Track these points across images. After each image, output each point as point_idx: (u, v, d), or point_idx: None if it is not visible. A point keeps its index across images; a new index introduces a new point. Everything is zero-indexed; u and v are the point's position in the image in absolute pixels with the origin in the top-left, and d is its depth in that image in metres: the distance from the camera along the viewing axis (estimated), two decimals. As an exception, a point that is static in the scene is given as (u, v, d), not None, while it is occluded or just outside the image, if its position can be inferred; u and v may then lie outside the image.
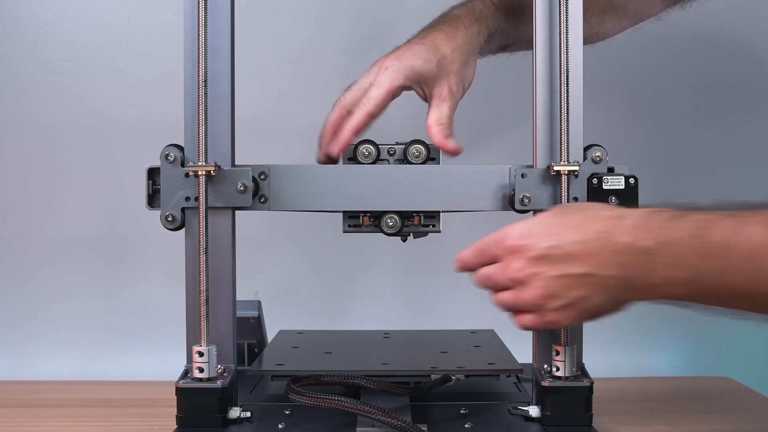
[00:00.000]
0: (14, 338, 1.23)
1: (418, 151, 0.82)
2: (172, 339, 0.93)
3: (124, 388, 1.06)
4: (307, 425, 0.79)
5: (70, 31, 1.21)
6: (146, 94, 1.21)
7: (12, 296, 1.23)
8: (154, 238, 1.19)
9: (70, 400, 1.01)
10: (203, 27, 0.76)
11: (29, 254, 1.22)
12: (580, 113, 0.79)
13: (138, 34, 1.21)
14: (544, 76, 0.80)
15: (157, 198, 0.80)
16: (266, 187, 0.81)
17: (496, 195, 0.81)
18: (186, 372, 0.79)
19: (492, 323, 1.10)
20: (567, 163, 0.78)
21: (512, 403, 0.83)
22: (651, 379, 1.12)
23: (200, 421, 0.77)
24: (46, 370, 1.19)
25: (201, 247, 0.77)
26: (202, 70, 0.76)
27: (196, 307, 0.78)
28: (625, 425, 0.87)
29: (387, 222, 0.81)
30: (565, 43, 0.77)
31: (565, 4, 0.77)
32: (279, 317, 1.08)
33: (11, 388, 1.08)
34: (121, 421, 0.91)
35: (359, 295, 1.25)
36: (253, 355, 0.99)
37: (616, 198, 0.79)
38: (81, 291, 1.22)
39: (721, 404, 0.98)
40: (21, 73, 1.21)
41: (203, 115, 0.76)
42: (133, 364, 1.21)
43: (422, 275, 1.25)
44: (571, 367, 0.78)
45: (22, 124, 1.21)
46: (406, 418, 0.75)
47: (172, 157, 0.79)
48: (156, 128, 1.15)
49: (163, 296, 1.20)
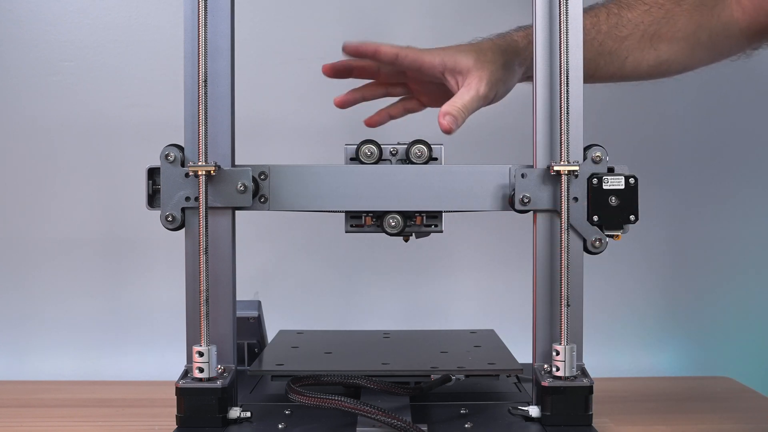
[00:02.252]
0: (14, 338, 1.23)
1: (420, 152, 0.82)
2: (172, 339, 0.93)
3: (124, 388, 1.06)
4: (307, 425, 0.79)
5: (70, 31, 1.21)
6: (146, 94, 1.21)
7: (12, 296, 1.23)
8: (154, 238, 1.19)
9: (70, 400, 1.01)
10: (203, 27, 0.76)
11: (29, 254, 1.22)
12: (580, 113, 0.79)
13: (138, 34, 1.21)
14: (544, 76, 0.80)
15: (157, 198, 0.80)
16: (266, 187, 0.81)
17: (496, 195, 0.81)
18: (186, 372, 0.79)
19: (492, 323, 1.10)
20: (567, 163, 0.78)
21: (512, 403, 0.83)
22: (651, 379, 1.12)
23: (200, 421, 0.77)
24: (46, 370, 1.20)
25: (201, 247, 0.77)
26: (202, 70, 0.76)
27: (196, 307, 0.78)
28: (625, 425, 0.87)
29: (389, 222, 0.81)
30: (565, 43, 0.77)
31: (565, 4, 0.77)
32: (279, 317, 1.08)
33: (11, 388, 1.08)
34: (121, 421, 0.91)
35: (359, 295, 1.25)
36: (253, 355, 0.99)
37: (615, 198, 0.79)
38: (81, 291, 1.22)
39: (721, 404, 0.98)
40: (21, 73, 1.21)
41: (203, 115, 0.76)
42: (133, 364, 1.21)
43: (422, 275, 1.25)
44: (571, 367, 0.78)
45: (22, 124, 1.21)
46: (406, 418, 0.75)
47: (172, 157, 0.79)
48: (156, 128, 1.16)
49: (163, 296, 1.20)
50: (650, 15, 0.91)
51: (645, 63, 0.91)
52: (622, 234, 0.80)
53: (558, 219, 0.79)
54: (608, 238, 0.80)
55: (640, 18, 0.91)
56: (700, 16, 0.91)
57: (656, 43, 0.90)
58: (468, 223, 0.95)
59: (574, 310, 0.79)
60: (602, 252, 0.80)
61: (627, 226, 0.80)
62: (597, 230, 0.79)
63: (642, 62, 0.91)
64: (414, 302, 1.26)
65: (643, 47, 0.91)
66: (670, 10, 0.91)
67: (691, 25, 0.90)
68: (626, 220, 0.79)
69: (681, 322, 1.27)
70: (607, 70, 0.91)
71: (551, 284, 0.80)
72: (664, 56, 0.91)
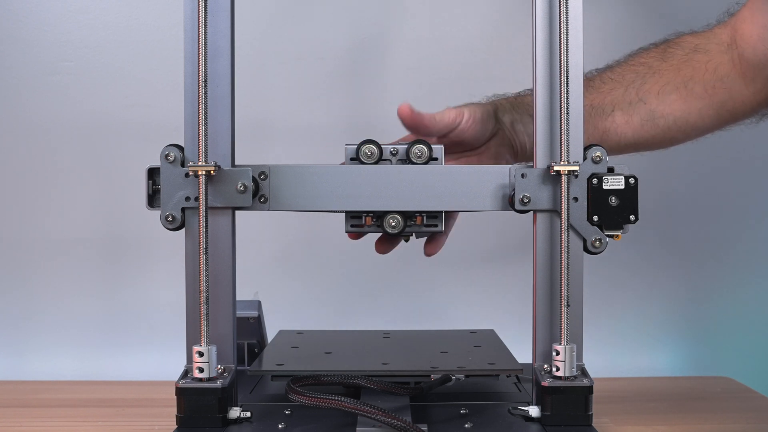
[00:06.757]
0: (14, 338, 1.23)
1: (421, 151, 0.82)
2: (172, 339, 0.93)
3: (124, 388, 1.06)
4: (307, 425, 0.79)
5: (70, 31, 1.21)
6: (146, 94, 1.21)
7: (12, 296, 1.23)
8: (154, 238, 1.19)
9: (70, 400, 1.02)
10: (203, 27, 0.76)
11: (29, 254, 1.22)
12: (580, 113, 0.79)
13: (138, 34, 1.21)
14: (544, 76, 0.80)
15: (157, 198, 0.80)
16: (266, 187, 0.81)
17: (496, 195, 0.81)
18: (186, 372, 0.79)
19: (492, 323, 1.10)
20: (567, 163, 0.78)
21: (512, 403, 0.83)
22: (651, 379, 1.12)
23: (200, 421, 0.77)
24: (46, 370, 1.20)
25: (201, 247, 0.77)
26: (202, 70, 0.76)
27: (196, 307, 0.78)
28: (625, 425, 0.87)
29: (389, 222, 0.81)
30: (565, 43, 0.77)
31: (565, 4, 0.77)
32: (279, 317, 1.08)
33: (11, 388, 1.09)
34: (121, 421, 0.91)
35: (359, 295, 1.25)
36: (253, 355, 0.99)
37: (616, 198, 0.79)
38: (81, 291, 1.22)
39: (721, 404, 0.98)
40: (21, 73, 1.21)
41: (203, 115, 0.76)
42: (133, 364, 1.21)
43: (422, 275, 1.25)
44: (571, 367, 0.78)
45: (22, 124, 1.21)
46: (406, 418, 0.75)
47: (172, 157, 0.79)
48: (156, 128, 1.16)
49: (163, 296, 1.20)
50: (633, 71, 0.91)
51: (637, 116, 0.90)
52: (622, 234, 0.80)
53: (558, 219, 0.79)
54: (608, 238, 0.80)
55: (622, 75, 0.91)
56: (690, 69, 0.90)
57: (644, 95, 0.90)
58: (468, 223, 0.95)
59: (574, 310, 0.79)
60: (602, 252, 0.80)
61: (627, 226, 0.80)
62: (597, 230, 0.79)
63: (633, 116, 0.90)
64: (414, 302, 1.26)
65: (630, 100, 0.90)
66: (655, 66, 0.91)
67: (679, 77, 0.90)
68: (626, 220, 0.79)
69: (681, 322, 1.27)
70: (596, 123, 0.90)
71: (551, 284, 0.80)
72: (657, 109, 0.90)
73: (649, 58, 0.92)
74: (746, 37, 0.88)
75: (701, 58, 0.90)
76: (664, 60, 0.91)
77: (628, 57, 0.94)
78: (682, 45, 0.92)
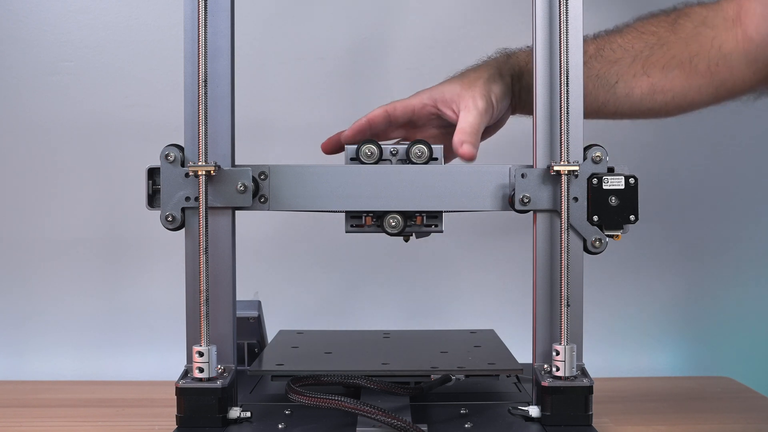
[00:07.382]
0: (14, 338, 1.23)
1: (421, 151, 0.82)
2: (172, 339, 0.93)
3: (124, 388, 1.06)
4: (307, 425, 0.79)
5: (70, 31, 1.21)
6: (146, 94, 1.21)
7: (12, 296, 1.23)
8: (154, 238, 1.19)
9: (70, 400, 1.02)
10: (203, 27, 0.76)
11: (29, 254, 1.22)
12: (580, 113, 0.79)
13: (138, 34, 1.21)
14: (544, 76, 0.80)
15: (157, 198, 0.80)
16: (266, 187, 0.81)
17: (496, 195, 0.81)
18: (186, 372, 0.79)
19: (492, 323, 1.10)
20: (567, 163, 0.78)
21: (512, 403, 0.83)
22: (651, 379, 1.12)
23: (200, 421, 0.77)
24: (46, 370, 1.20)
25: (201, 247, 0.77)
26: (202, 70, 0.76)
27: (196, 307, 0.78)
28: (625, 425, 0.87)
29: (389, 222, 0.81)
30: (565, 43, 0.77)
31: (565, 4, 0.77)
32: (279, 317, 1.08)
33: (11, 388, 1.09)
34: (121, 421, 0.91)
35: (359, 295, 1.25)
36: (253, 355, 0.99)
37: (616, 198, 0.79)
38: (81, 291, 1.22)
39: (721, 404, 0.98)
40: (21, 73, 1.21)
41: (203, 115, 0.76)
42: (133, 364, 1.21)
43: (422, 275, 1.25)
44: (571, 367, 0.78)
45: (22, 124, 1.21)
46: (406, 418, 0.75)
47: (172, 157, 0.79)
48: (156, 128, 1.16)
49: (163, 296, 1.20)
50: (642, 41, 0.90)
51: (638, 90, 0.90)
52: (622, 234, 0.80)
53: (558, 219, 0.79)
54: (608, 238, 0.80)
55: (631, 43, 0.90)
56: (697, 45, 0.89)
57: (649, 69, 0.89)
58: (468, 223, 0.95)
59: (574, 310, 0.79)
60: (602, 252, 0.80)
61: (627, 226, 0.80)
62: (597, 230, 0.79)
63: (635, 89, 0.89)
64: (414, 302, 1.26)
65: (634, 72, 0.89)
66: (664, 37, 0.90)
67: (686, 52, 0.89)
68: (626, 220, 0.79)
69: (681, 322, 1.27)
70: (597, 95, 0.90)
71: (551, 284, 0.80)
72: (659, 84, 0.89)
73: (660, 28, 0.91)
74: (750, 13, 0.88)
75: (708, 33, 0.89)
76: (673, 32, 0.90)
77: (637, 21, 0.93)
78: (692, 17, 0.91)
